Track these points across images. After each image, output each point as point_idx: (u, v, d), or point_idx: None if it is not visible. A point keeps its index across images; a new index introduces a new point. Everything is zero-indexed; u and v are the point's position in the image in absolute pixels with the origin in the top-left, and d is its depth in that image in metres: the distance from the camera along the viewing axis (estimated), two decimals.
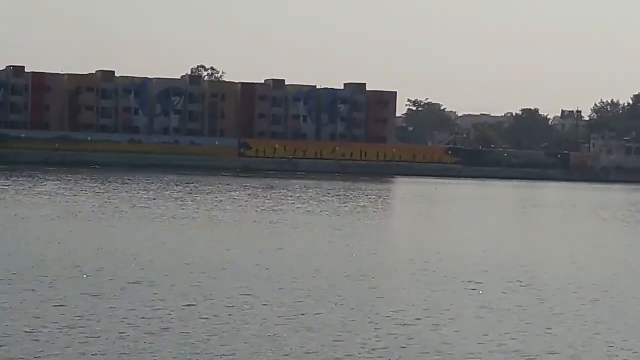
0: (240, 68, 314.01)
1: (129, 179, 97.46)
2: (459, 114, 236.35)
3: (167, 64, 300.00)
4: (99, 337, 20.89)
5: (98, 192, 75.03)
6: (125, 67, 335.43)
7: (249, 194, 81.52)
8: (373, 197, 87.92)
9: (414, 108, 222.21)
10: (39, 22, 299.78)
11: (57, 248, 36.95)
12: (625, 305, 28.53)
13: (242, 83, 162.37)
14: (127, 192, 77.16)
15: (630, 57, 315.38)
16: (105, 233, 44.08)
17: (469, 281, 31.82)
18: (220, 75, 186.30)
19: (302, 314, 24.65)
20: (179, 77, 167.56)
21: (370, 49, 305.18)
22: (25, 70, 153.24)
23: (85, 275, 29.60)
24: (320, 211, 64.62)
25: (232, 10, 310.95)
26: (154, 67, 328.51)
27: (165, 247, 39.16)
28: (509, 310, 26.55)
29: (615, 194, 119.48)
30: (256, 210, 62.52)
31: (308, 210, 64.40)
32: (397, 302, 27.17)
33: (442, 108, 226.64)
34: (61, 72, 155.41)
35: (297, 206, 68.23)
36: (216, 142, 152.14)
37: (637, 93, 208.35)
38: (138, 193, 76.31)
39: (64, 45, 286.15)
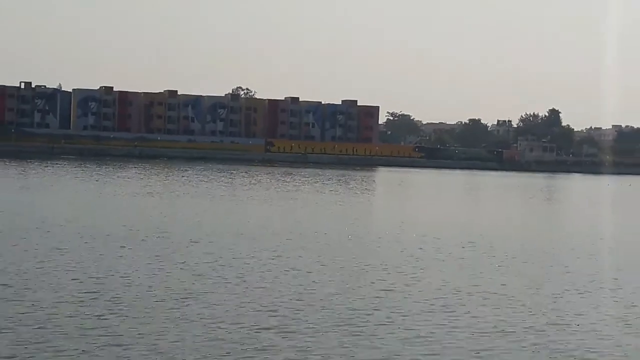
0: (268, 88, 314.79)
1: (187, 168, 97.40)
2: (424, 122, 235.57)
3: (215, 85, 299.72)
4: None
5: (166, 177, 75.00)
6: (185, 87, 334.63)
7: (273, 179, 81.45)
8: (362, 181, 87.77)
9: (392, 118, 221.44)
10: (123, 54, 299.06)
11: (137, 216, 36.97)
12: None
13: (269, 99, 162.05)
14: (186, 177, 77.07)
15: (548, 79, 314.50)
16: (170, 206, 44.08)
17: (434, 238, 31.86)
18: (253, 94, 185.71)
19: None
20: (223, 94, 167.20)
21: (361, 76, 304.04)
22: (114, 89, 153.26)
23: (158, 238, 29.61)
24: (324, 190, 64.54)
25: (262, 46, 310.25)
26: (205, 87, 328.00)
27: (215, 216, 39.15)
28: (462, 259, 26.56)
29: (536, 180, 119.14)
30: (279, 191, 62.46)
31: (317, 191, 64.34)
32: (375, 255, 27.20)
33: (412, 118, 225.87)
34: (139, 91, 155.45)
35: (308, 187, 68.15)
36: (250, 142, 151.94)
37: (551, 108, 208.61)
38: (195, 177, 76.27)
39: (141, 71, 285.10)
